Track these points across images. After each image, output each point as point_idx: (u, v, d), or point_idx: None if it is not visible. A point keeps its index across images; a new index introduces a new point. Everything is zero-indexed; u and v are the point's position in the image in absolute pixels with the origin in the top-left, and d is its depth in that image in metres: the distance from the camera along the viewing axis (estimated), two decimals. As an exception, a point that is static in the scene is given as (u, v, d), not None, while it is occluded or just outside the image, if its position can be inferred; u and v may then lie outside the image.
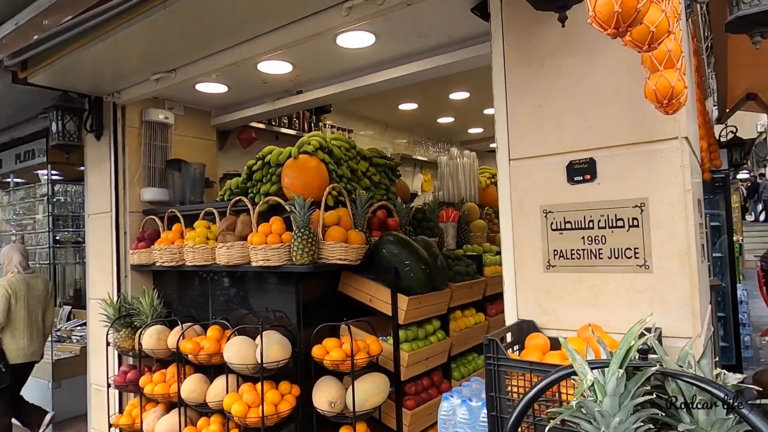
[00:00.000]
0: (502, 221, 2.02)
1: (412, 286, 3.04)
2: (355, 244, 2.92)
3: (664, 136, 1.70)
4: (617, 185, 1.78)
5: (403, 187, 4.00)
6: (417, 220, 3.79)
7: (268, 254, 2.83)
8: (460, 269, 3.69)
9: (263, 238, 2.88)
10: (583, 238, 1.84)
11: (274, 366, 2.68)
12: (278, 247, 2.83)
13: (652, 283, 1.71)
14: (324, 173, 3.14)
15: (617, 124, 1.78)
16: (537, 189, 1.94)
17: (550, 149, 1.91)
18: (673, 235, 1.67)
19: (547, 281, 1.91)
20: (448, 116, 6.67)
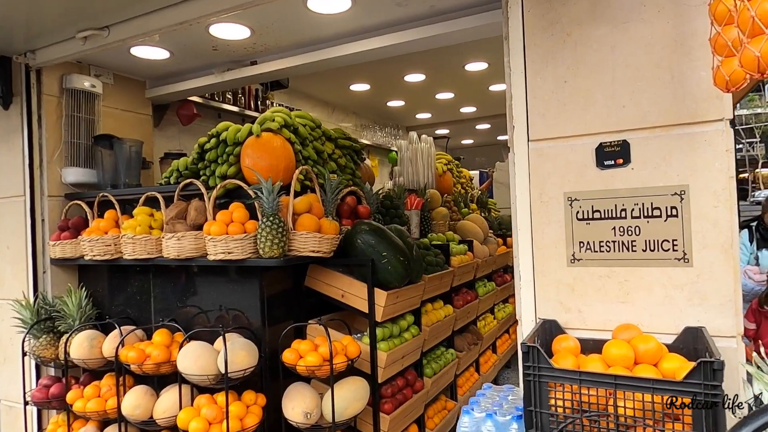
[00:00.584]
0: (519, 210, 1.81)
1: (390, 279, 2.79)
2: (329, 233, 2.61)
3: (708, 118, 1.55)
4: (654, 171, 1.62)
5: (368, 172, 3.72)
6: (384, 207, 3.53)
7: (230, 246, 2.45)
8: (430, 260, 3.49)
9: (223, 228, 2.49)
10: (613, 228, 1.67)
11: (241, 375, 2.33)
12: (242, 238, 2.46)
13: (691, 277, 1.57)
14: (290, 154, 2.79)
15: (654, 103, 1.61)
16: (561, 174, 1.74)
17: (577, 130, 1.72)
18: (717, 226, 1.54)
19: (571, 276, 1.72)
20: (399, 100, 6.43)
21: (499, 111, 7.48)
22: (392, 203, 3.60)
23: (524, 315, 1.79)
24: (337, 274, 2.85)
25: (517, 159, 1.81)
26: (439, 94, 6.24)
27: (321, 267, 2.88)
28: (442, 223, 4.40)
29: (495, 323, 4.86)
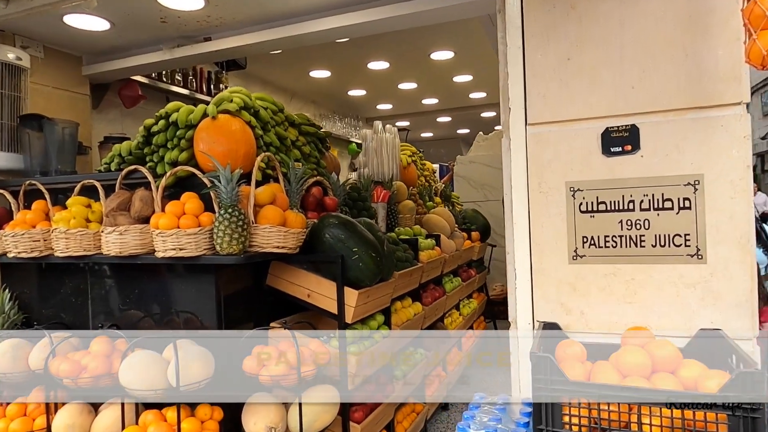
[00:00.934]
0: (515, 201, 1.63)
1: (362, 277, 2.56)
2: (295, 227, 2.36)
3: (725, 101, 1.42)
4: (665, 158, 1.48)
5: (334, 162, 3.48)
6: (352, 199, 3.30)
7: (182, 242, 2.15)
8: (400, 255, 3.29)
9: (174, 221, 2.19)
10: (620, 222, 1.52)
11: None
12: (195, 233, 2.17)
13: (705, 275, 1.44)
14: (251, 139, 2.51)
15: (666, 85, 1.47)
16: (562, 161, 1.57)
17: (581, 113, 1.55)
18: (733, 219, 1.42)
19: (572, 274, 1.56)
20: (361, 88, 6.20)
21: (461, 103, 7.38)
22: (359, 195, 3.37)
23: (520, 318, 1.62)
24: (303, 271, 2.61)
25: (514, 144, 1.63)
26: (403, 84, 6.06)
27: (285, 264, 2.62)
28: (409, 216, 4.21)
29: (461, 319, 4.74)
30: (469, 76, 5.90)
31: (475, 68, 5.60)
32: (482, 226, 5.77)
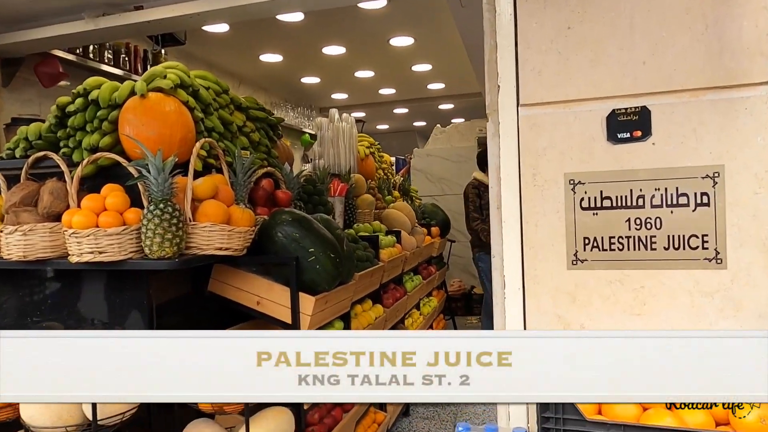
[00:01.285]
0: (504, 196, 1.39)
1: (319, 281, 2.27)
2: (242, 225, 2.03)
3: (751, 80, 1.22)
4: (680, 147, 1.27)
5: (286, 152, 3.15)
6: (307, 193, 2.98)
7: (101, 243, 1.78)
8: (360, 254, 3.01)
9: (91, 219, 1.81)
10: (628, 220, 1.30)
11: (118, 421, 1.69)
12: (119, 233, 1.80)
13: (724, 281, 1.25)
14: (188, 122, 2.15)
15: (683, 60, 1.26)
16: (561, 150, 1.34)
17: (583, 92, 1.32)
18: (757, 217, 1.22)
19: (572, 282, 1.34)
20: (315, 75, 5.85)
21: (419, 94, 7.16)
22: (315, 188, 3.06)
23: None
24: (252, 275, 2.28)
25: (503, 129, 1.38)
26: (359, 72, 5.76)
27: (230, 267, 2.28)
28: (368, 212, 3.94)
29: (421, 319, 4.53)
30: (428, 65, 5.68)
31: (435, 57, 5.38)
32: (442, 221, 5.58)
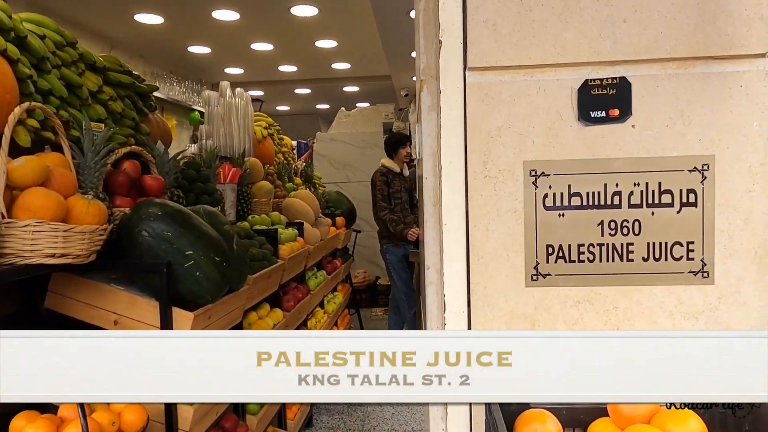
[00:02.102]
0: (445, 190, 1.04)
1: (200, 292, 1.80)
2: (87, 223, 1.50)
3: (746, 50, 0.99)
4: (665, 131, 1.01)
5: (162, 127, 2.56)
6: (188, 179, 2.45)
7: None
8: (255, 253, 2.55)
9: None
10: (601, 224, 1.02)
11: None
12: None
13: (711, 300, 1.01)
14: (9, 81, 1.55)
15: (670, 21, 0.99)
16: (520, 130, 1.02)
17: (549, 55, 1.01)
18: (750, 221, 1.00)
19: (531, 303, 1.03)
20: (204, 44, 5.15)
21: (322, 74, 6.69)
22: (199, 174, 2.53)
23: (451, 369, 1.04)
24: (107, 287, 1.75)
25: (445, 100, 1.03)
26: (256, 44, 5.16)
27: (76, 277, 1.74)
28: (266, 201, 3.46)
29: (326, 318, 4.15)
30: (333, 41, 5.23)
31: (340, 32, 4.95)
32: (347, 210, 5.22)
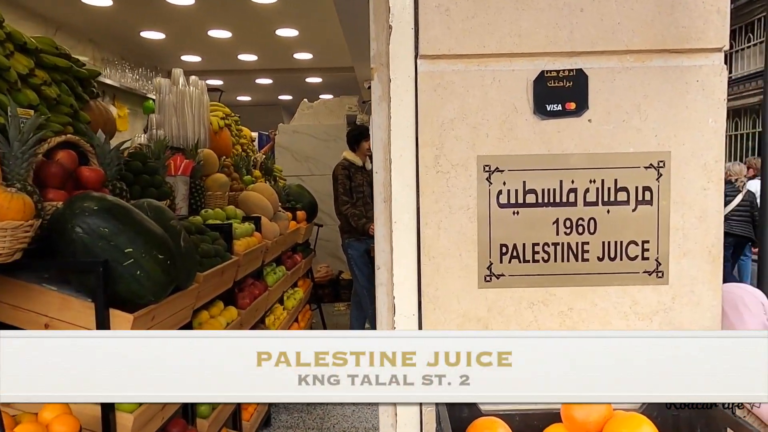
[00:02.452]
0: (395, 185, 0.98)
1: (141, 292, 1.69)
2: (10, 219, 1.37)
3: (703, 44, 0.96)
4: (621, 126, 0.97)
5: (105, 116, 2.39)
6: (133, 171, 2.31)
7: None
8: (207, 249, 2.44)
9: None
10: (556, 222, 0.98)
11: None
12: None
13: (665, 300, 0.99)
14: None
15: (629, 11, 0.95)
16: (474, 123, 0.97)
17: (506, 44, 0.96)
18: (704, 220, 0.98)
19: (484, 305, 0.99)
20: (158, 30, 4.92)
21: (284, 64, 6.52)
22: (146, 166, 2.39)
23: (401, 375, 0.98)
24: (37, 287, 1.62)
25: (395, 90, 0.96)
26: (213, 31, 4.97)
27: (1, 276, 1.59)
28: (221, 194, 3.32)
29: (285, 315, 4.05)
30: (294, 30, 5.09)
31: (301, 21, 4.81)
32: (308, 204, 5.10)
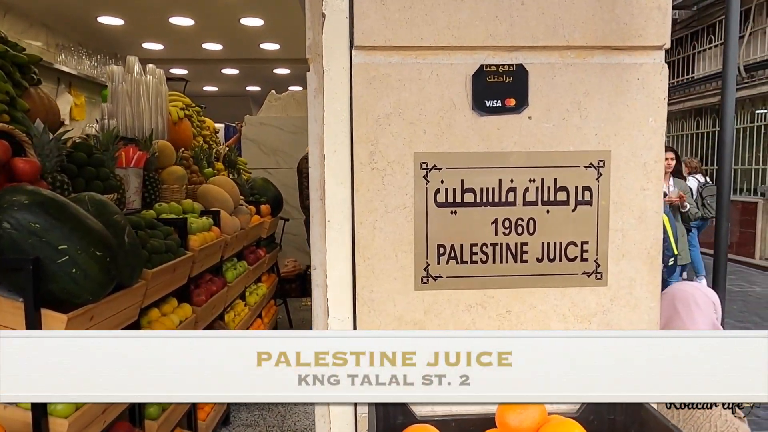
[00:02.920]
0: (328, 183, 0.94)
1: (76, 290, 1.60)
2: (-77, 214, 1.27)
3: (645, 42, 0.94)
4: (562, 123, 0.95)
5: (47, 105, 2.26)
6: (76, 163, 2.19)
7: None
8: (157, 245, 2.34)
9: None
10: (495, 222, 0.95)
11: None
12: None
13: (604, 302, 0.98)
14: None
15: (569, 5, 0.93)
16: (411, 118, 0.93)
17: (444, 36, 0.92)
18: (643, 221, 0.97)
19: (421, 307, 0.95)
20: (116, 15, 4.72)
21: (250, 54, 6.37)
22: (91, 157, 2.28)
23: (335, 380, 0.95)
24: (-40, 286, 1.51)
25: (329, 82, 0.91)
26: (175, 18, 4.80)
27: None
28: (177, 188, 3.21)
29: (246, 311, 3.96)
30: (259, 20, 4.96)
31: (267, 11, 4.69)
32: (273, 198, 5.01)
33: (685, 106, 10.37)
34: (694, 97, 10.04)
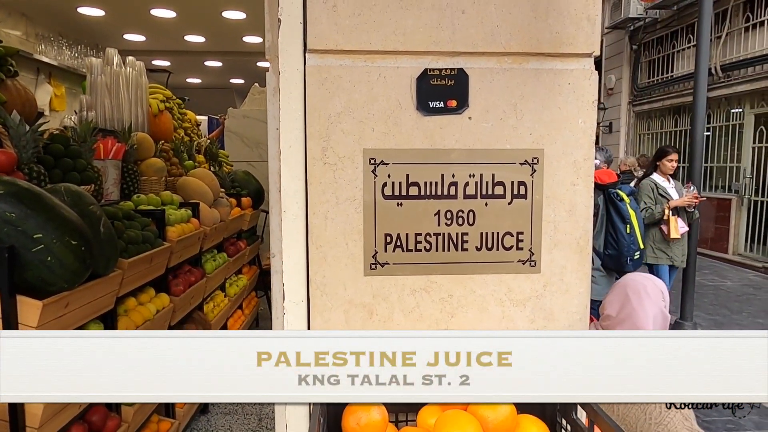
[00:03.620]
0: (284, 177, 1.01)
1: (51, 278, 1.66)
2: None
3: (575, 49, 1.02)
4: (499, 124, 1.03)
5: (24, 96, 2.30)
6: (53, 154, 2.23)
7: None
8: (134, 235, 2.39)
9: None
10: (438, 213, 1.03)
11: None
12: None
13: (537, 288, 1.06)
14: None
15: (506, 15, 1.01)
16: (360, 117, 1.00)
17: (390, 42, 0.99)
18: (573, 213, 1.06)
19: (369, 292, 1.03)
20: (96, 6, 4.71)
21: (233, 47, 6.38)
22: (68, 149, 2.32)
23: (290, 359, 1.02)
24: (-65, 274, 1.55)
25: (285, 83, 0.99)
26: (156, 10, 4.80)
27: None
28: (156, 180, 3.25)
29: (226, 302, 4.02)
30: (241, 13, 4.98)
31: (249, 4, 4.72)
32: (255, 190, 5.05)
33: (665, 104, 10.57)
34: (673, 96, 10.25)
